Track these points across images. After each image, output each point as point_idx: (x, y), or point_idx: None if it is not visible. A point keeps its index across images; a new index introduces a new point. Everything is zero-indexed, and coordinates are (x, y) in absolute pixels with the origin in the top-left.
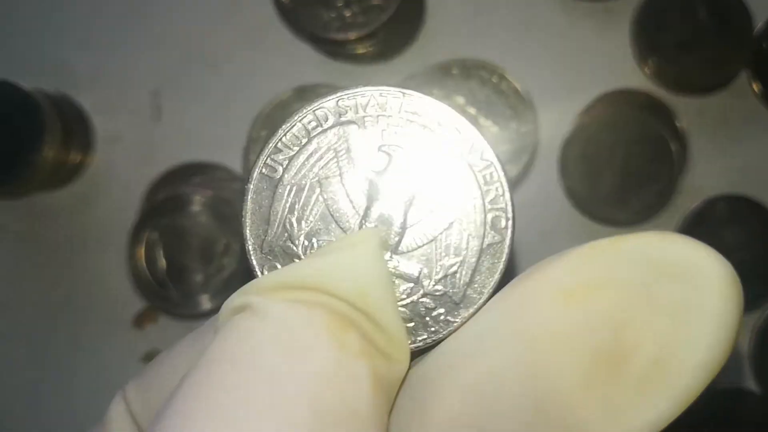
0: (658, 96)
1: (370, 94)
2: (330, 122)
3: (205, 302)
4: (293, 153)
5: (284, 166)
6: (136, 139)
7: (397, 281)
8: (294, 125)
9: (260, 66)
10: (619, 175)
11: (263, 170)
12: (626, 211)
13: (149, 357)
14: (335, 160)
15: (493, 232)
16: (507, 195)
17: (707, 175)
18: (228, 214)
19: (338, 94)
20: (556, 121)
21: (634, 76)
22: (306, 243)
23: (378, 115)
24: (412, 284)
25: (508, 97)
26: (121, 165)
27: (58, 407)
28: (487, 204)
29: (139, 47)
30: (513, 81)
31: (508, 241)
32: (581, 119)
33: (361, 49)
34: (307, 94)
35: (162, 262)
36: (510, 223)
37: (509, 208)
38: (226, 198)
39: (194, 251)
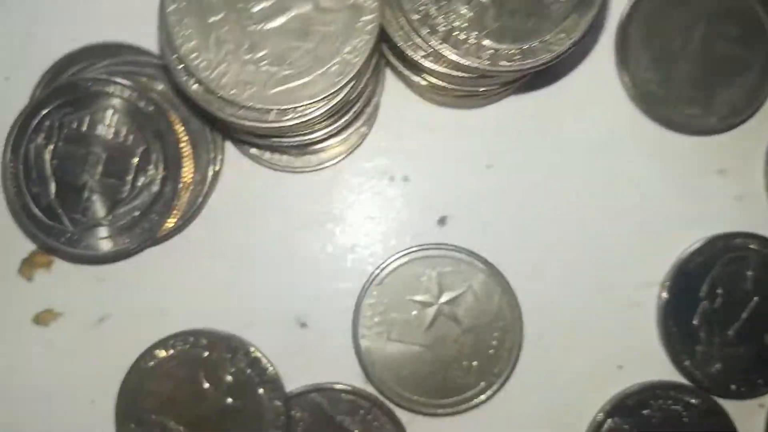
0: None
1: None
2: None
3: (113, 240)
4: None
5: None
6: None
7: None
8: None
9: None
10: (696, 64)
11: None
12: (707, 114)
13: (42, 319)
14: None
15: None
16: None
17: None
18: (148, 112)
19: None
20: None
21: None
22: None
23: None
24: None
25: None
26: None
27: None
28: None
29: None
30: None
31: None
32: None
33: None
34: None
35: (50, 180)
36: None
37: None
38: (143, 89)
39: (97, 165)
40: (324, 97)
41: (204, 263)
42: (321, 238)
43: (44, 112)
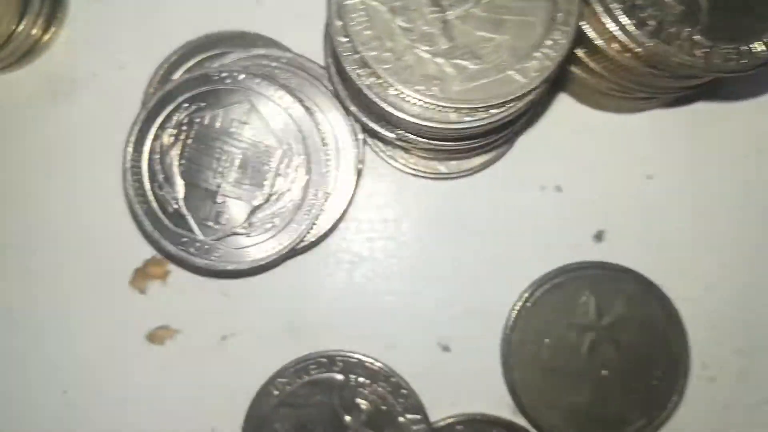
0: None
1: None
2: None
3: (249, 250)
4: None
5: None
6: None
7: None
8: None
9: None
10: None
11: None
12: None
13: (157, 337)
14: None
15: None
16: None
17: None
18: (290, 110)
19: None
20: None
21: None
22: None
23: None
24: None
25: None
26: (107, 37)
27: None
28: None
29: None
30: None
31: None
32: None
33: None
34: None
35: (178, 183)
36: None
37: None
38: (284, 85)
39: (232, 167)
40: (519, 96)
41: (339, 278)
42: (465, 253)
43: (172, 106)
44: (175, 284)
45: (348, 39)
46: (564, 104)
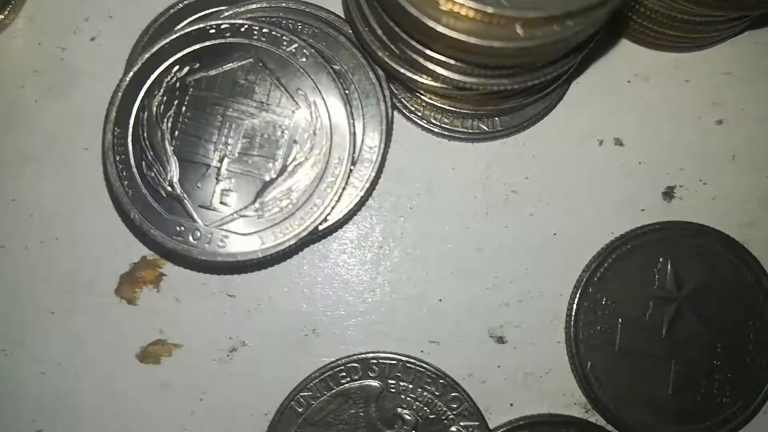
0: None
1: None
2: None
3: (261, 236)
4: None
5: None
6: None
7: None
8: None
9: None
10: None
11: None
12: None
13: (151, 355)
14: None
15: None
16: None
17: None
18: (302, 66)
19: None
20: None
21: None
22: None
23: None
24: None
25: None
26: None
27: None
28: None
29: None
30: None
31: None
32: None
33: None
34: None
35: (171, 160)
36: None
37: None
38: (294, 35)
39: (237, 136)
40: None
41: (366, 267)
42: (516, 225)
43: (160, 69)
44: (170, 289)
45: None
46: (616, 45)
